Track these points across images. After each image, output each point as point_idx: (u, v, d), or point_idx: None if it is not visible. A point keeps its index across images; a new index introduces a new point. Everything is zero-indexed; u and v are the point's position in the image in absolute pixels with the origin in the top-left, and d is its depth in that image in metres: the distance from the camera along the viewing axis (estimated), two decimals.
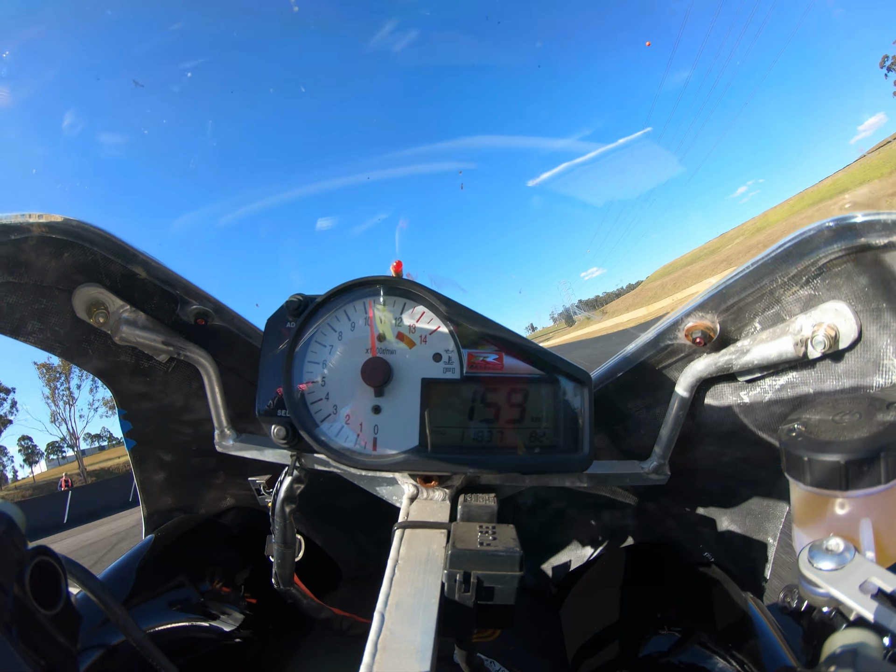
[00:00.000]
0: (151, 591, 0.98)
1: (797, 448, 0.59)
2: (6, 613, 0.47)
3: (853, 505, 0.56)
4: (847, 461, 0.55)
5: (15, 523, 0.53)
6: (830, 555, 0.53)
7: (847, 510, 0.56)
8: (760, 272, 0.71)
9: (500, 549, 0.62)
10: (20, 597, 0.50)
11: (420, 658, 0.52)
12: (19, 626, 0.48)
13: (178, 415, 1.09)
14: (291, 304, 0.76)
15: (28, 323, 0.91)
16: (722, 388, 0.82)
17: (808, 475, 0.58)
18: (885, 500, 0.55)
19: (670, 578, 0.98)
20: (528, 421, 0.72)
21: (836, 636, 0.51)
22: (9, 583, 0.49)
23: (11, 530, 0.52)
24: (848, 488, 0.55)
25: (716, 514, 0.97)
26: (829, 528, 0.57)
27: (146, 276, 0.89)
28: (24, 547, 0.54)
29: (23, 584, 0.51)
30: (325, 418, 0.75)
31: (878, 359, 0.71)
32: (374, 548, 1.33)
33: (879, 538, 0.54)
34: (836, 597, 0.50)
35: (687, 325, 0.77)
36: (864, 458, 0.54)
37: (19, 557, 0.52)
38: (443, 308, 0.73)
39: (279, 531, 0.84)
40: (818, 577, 0.52)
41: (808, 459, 0.57)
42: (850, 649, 0.48)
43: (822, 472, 0.56)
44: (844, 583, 0.50)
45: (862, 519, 0.55)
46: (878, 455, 0.54)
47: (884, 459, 0.54)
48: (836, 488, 0.56)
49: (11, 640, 0.46)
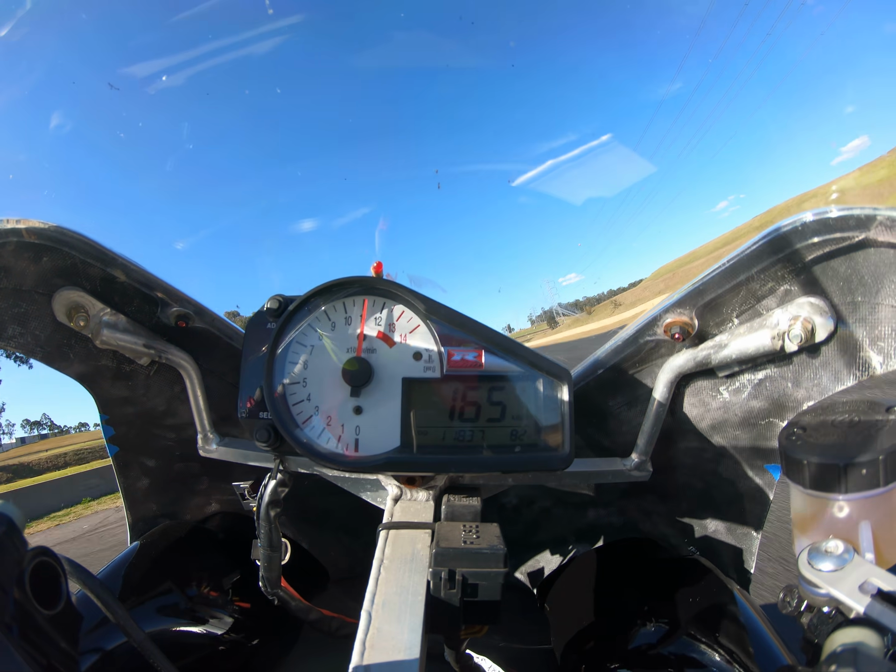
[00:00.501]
0: (139, 597, 0.97)
1: (796, 451, 0.59)
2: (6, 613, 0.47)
3: (852, 507, 0.56)
4: (846, 464, 0.55)
5: (15, 524, 0.53)
6: (830, 556, 0.53)
7: (846, 513, 0.56)
8: (737, 268, 0.72)
9: (485, 547, 0.63)
10: (20, 597, 0.50)
11: (408, 655, 0.52)
12: (19, 626, 0.48)
13: (161, 419, 1.08)
14: (272, 305, 0.76)
15: (8, 327, 0.90)
16: (701, 384, 0.83)
17: (808, 478, 0.58)
18: (884, 502, 0.55)
19: (656, 573, 0.98)
20: (509, 419, 0.73)
21: (836, 635, 0.51)
22: (9, 583, 0.49)
23: (11, 531, 0.52)
24: (847, 491, 0.55)
25: (699, 509, 0.98)
26: (828, 530, 0.58)
27: (126, 280, 0.88)
28: (25, 547, 0.53)
29: (23, 585, 0.51)
30: (307, 420, 0.74)
31: (855, 351, 0.72)
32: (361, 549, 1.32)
33: (878, 540, 0.55)
34: (835, 597, 0.51)
35: (665, 321, 0.78)
36: (863, 460, 0.54)
37: (19, 558, 0.52)
38: (422, 307, 0.74)
39: (265, 535, 0.84)
40: (818, 578, 0.52)
41: (808, 462, 0.57)
42: (850, 648, 0.48)
43: (821, 475, 0.56)
44: (844, 583, 0.51)
45: (861, 521, 0.55)
46: (877, 458, 0.54)
47: (883, 462, 0.54)
48: (835, 491, 0.56)
49: (11, 640, 0.46)
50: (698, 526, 0.99)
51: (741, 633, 0.79)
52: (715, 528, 0.97)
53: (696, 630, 0.81)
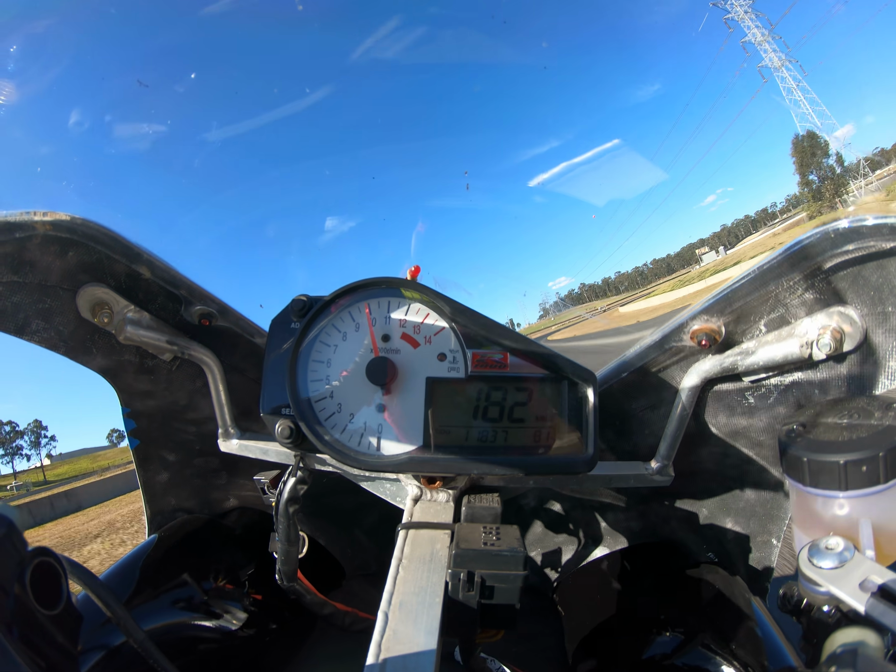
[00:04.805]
0: (155, 590, 0.98)
1: (796, 449, 0.59)
2: (7, 614, 0.47)
3: (852, 505, 0.56)
4: (846, 462, 0.55)
5: (15, 525, 0.53)
6: (830, 553, 0.53)
7: (846, 510, 0.57)
8: (766, 276, 0.71)
9: (504, 549, 0.63)
10: (21, 597, 0.50)
11: (424, 658, 0.52)
12: (20, 626, 0.48)
13: (182, 413, 1.09)
14: (296, 305, 0.77)
15: (32, 322, 0.91)
16: (726, 389, 0.82)
17: (808, 476, 0.58)
18: (884, 499, 0.55)
19: (673, 578, 0.98)
20: (533, 421, 0.72)
21: (836, 635, 0.51)
22: (10, 583, 0.49)
23: (11, 531, 0.52)
24: (847, 488, 0.55)
25: (719, 516, 0.97)
26: (828, 527, 0.58)
27: (150, 277, 0.89)
28: (25, 547, 0.53)
29: (24, 585, 0.51)
30: (329, 417, 0.75)
31: (883, 361, 0.71)
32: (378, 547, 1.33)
33: (879, 537, 0.55)
34: (835, 595, 0.51)
35: (692, 328, 0.77)
36: (863, 458, 0.54)
37: (20, 558, 0.52)
38: (447, 309, 0.74)
39: (283, 531, 0.85)
40: (818, 576, 0.52)
41: (808, 460, 0.57)
42: (850, 648, 0.48)
43: (821, 473, 0.57)
44: (844, 581, 0.51)
45: (861, 518, 0.55)
46: (878, 455, 0.54)
47: (883, 460, 0.54)
48: (836, 489, 0.56)
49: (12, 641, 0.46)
50: (718, 532, 0.98)
51: (757, 644, 0.78)
52: (735, 535, 0.96)
53: (710, 639, 0.81)
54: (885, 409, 0.60)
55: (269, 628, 1.11)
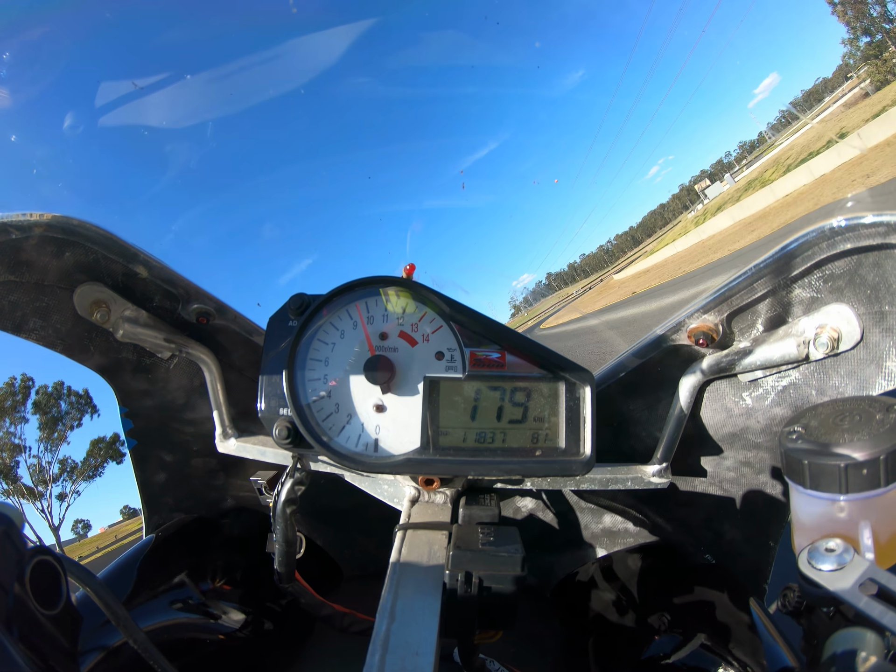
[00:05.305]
0: (152, 591, 0.98)
1: (797, 451, 0.59)
2: (6, 613, 0.47)
3: (852, 507, 0.56)
4: (846, 464, 0.55)
5: (14, 524, 0.53)
6: (830, 555, 0.53)
7: (846, 513, 0.56)
8: (763, 274, 0.71)
9: (502, 550, 0.63)
10: (21, 596, 0.50)
11: (423, 659, 0.52)
12: (19, 626, 0.48)
13: (180, 413, 1.09)
14: (294, 303, 0.76)
15: (30, 320, 0.90)
16: (724, 389, 0.82)
17: (808, 478, 0.57)
18: (884, 502, 0.55)
19: (671, 580, 0.98)
20: (531, 421, 0.72)
21: (836, 636, 0.51)
22: (9, 582, 0.49)
23: (11, 530, 0.52)
24: (847, 491, 0.55)
25: (717, 517, 0.96)
26: (828, 529, 0.57)
27: (147, 276, 0.89)
28: (24, 547, 0.53)
29: (23, 584, 0.51)
30: (327, 417, 0.74)
31: (881, 361, 0.70)
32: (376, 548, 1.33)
33: (879, 540, 0.54)
34: (835, 596, 0.51)
35: (690, 327, 0.77)
36: (863, 461, 0.54)
37: (19, 557, 0.52)
38: (445, 307, 0.73)
39: (280, 532, 0.84)
40: (818, 577, 0.52)
41: (808, 463, 0.57)
42: (850, 649, 0.48)
43: (822, 476, 0.56)
44: (844, 583, 0.51)
45: (861, 521, 0.55)
46: (878, 458, 0.54)
47: (883, 462, 0.54)
48: (836, 491, 0.56)
49: (11, 641, 0.45)
50: (716, 534, 0.98)
51: (755, 645, 0.78)
52: (732, 536, 0.96)
53: (709, 640, 0.80)
54: (886, 412, 0.59)
55: (267, 629, 1.11)
